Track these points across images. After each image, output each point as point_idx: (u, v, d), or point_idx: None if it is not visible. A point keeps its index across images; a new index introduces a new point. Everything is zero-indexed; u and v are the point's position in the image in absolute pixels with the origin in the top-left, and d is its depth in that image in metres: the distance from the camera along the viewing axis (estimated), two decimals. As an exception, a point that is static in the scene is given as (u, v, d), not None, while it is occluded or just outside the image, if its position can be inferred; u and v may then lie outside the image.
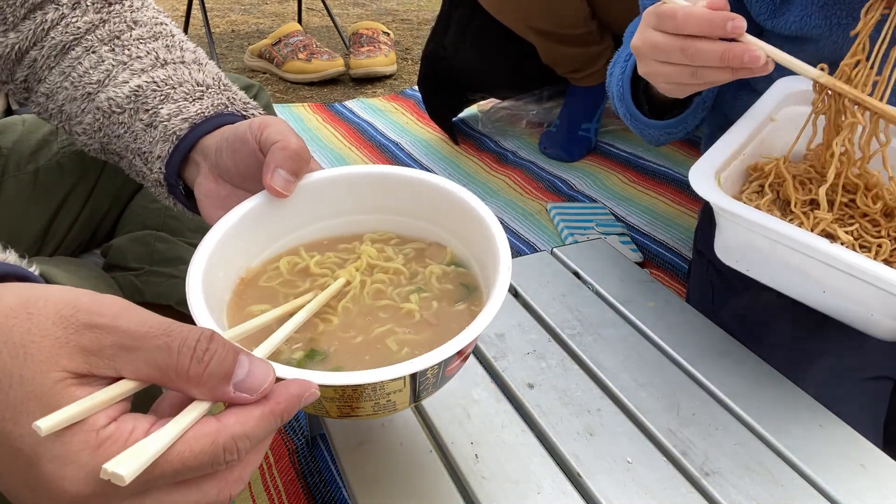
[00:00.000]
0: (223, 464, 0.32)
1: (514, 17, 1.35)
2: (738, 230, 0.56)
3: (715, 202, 0.54)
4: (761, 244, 0.55)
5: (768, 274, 0.57)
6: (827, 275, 0.52)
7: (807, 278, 0.54)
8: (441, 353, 0.39)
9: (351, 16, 2.76)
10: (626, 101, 0.76)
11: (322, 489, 0.72)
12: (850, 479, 0.50)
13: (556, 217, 1.21)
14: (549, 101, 1.60)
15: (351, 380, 0.38)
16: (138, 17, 0.65)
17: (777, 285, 0.57)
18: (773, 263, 0.56)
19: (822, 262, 0.51)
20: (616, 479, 0.50)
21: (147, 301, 0.78)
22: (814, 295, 0.55)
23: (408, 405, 0.44)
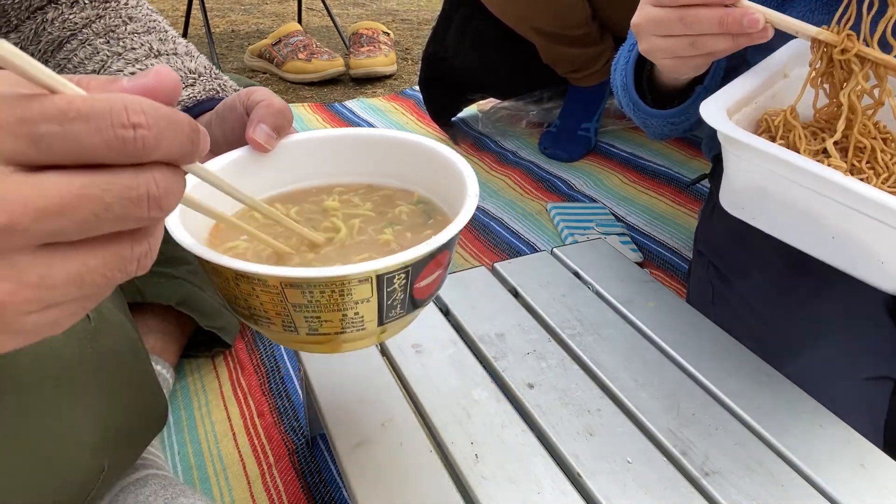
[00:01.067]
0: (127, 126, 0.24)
1: (515, 17, 1.35)
2: (747, 170, 0.54)
3: (727, 133, 0.52)
4: (770, 185, 0.53)
5: (775, 221, 0.55)
6: (839, 216, 0.50)
7: (816, 223, 0.52)
8: (407, 255, 0.39)
9: (351, 16, 2.76)
10: (630, 90, 0.76)
11: (322, 489, 0.72)
12: (850, 479, 0.50)
13: (556, 217, 1.21)
14: (550, 102, 1.61)
15: (321, 273, 0.38)
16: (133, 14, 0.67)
17: (784, 234, 0.55)
18: (782, 208, 0.53)
19: (834, 199, 0.49)
20: (616, 479, 0.50)
21: (147, 301, 0.78)
22: (822, 243, 0.53)
23: (376, 327, 0.43)
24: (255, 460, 0.76)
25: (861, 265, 0.52)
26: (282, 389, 0.85)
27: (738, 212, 0.57)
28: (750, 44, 0.55)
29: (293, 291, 0.39)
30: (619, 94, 0.79)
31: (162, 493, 0.62)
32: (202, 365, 0.89)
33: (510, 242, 1.16)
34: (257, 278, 0.39)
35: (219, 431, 0.80)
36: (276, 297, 0.40)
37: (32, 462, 0.43)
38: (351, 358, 0.63)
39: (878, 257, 0.51)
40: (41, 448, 0.44)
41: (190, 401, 0.84)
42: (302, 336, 0.43)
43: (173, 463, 0.76)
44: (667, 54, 0.59)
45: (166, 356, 0.81)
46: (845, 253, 0.53)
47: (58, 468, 0.44)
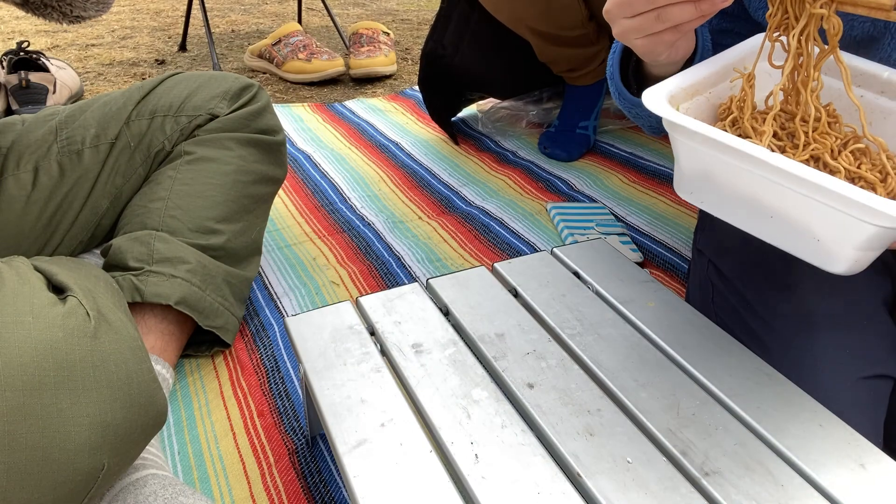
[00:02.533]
0: None
1: (511, 17, 1.35)
2: (689, 154, 0.54)
3: (662, 115, 0.52)
4: (711, 168, 0.53)
5: (721, 204, 0.55)
6: (772, 194, 0.50)
7: (755, 203, 0.52)
8: None
9: (351, 16, 2.76)
10: (616, 79, 0.77)
11: (322, 489, 0.72)
12: (850, 479, 0.50)
13: (556, 217, 1.21)
14: (549, 102, 1.61)
15: None
16: None
17: (729, 217, 0.55)
18: (724, 190, 0.54)
19: (765, 176, 0.49)
20: (616, 479, 0.50)
21: (146, 301, 0.78)
22: (763, 223, 0.53)
23: None
24: (255, 460, 0.76)
25: (801, 245, 0.52)
26: (282, 389, 0.85)
27: (688, 196, 0.57)
28: (713, 10, 0.56)
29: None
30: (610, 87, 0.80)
31: (162, 493, 0.62)
32: (202, 365, 0.89)
33: (510, 242, 1.16)
34: None
35: (219, 431, 0.80)
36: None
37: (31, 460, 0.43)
38: (351, 358, 0.64)
39: (813, 235, 0.51)
40: (39, 446, 0.44)
41: (190, 401, 0.84)
42: None
43: (173, 463, 0.76)
44: (637, 33, 0.60)
45: (166, 356, 0.81)
46: (785, 233, 0.53)
47: (56, 467, 0.44)
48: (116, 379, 0.49)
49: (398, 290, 0.74)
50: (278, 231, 1.20)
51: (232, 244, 0.90)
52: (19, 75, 1.62)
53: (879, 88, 0.61)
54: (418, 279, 1.06)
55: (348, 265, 1.10)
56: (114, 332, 0.51)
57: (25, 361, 0.44)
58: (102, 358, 0.48)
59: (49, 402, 0.44)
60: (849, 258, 0.51)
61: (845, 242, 0.50)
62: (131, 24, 2.58)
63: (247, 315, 0.97)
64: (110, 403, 0.48)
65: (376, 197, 1.32)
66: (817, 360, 0.63)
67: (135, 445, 0.52)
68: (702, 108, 0.60)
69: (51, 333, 0.46)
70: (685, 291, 0.94)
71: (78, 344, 0.47)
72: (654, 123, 0.80)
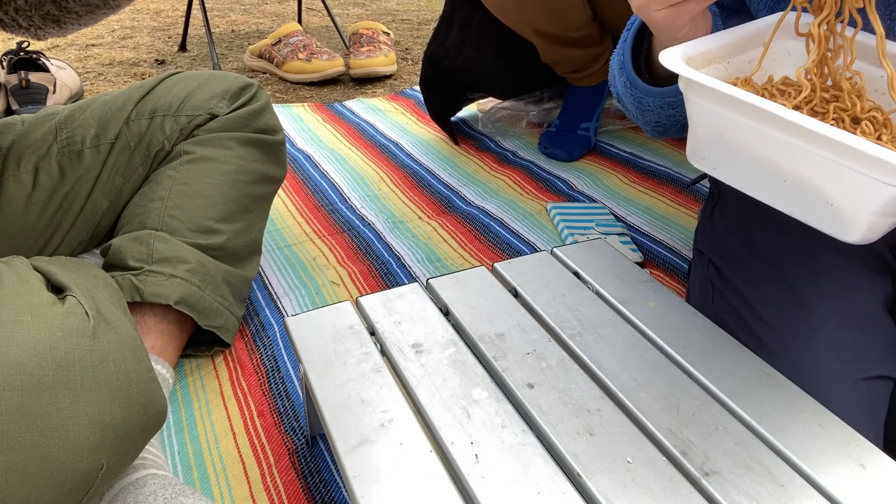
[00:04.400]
0: None
1: (516, 19, 1.35)
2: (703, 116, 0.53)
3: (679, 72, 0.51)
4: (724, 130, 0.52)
5: (733, 169, 0.54)
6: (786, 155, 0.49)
7: (768, 166, 0.51)
8: None
9: (351, 16, 2.76)
10: (627, 68, 0.75)
11: (322, 489, 0.72)
12: (850, 479, 0.50)
13: (556, 217, 1.21)
14: (550, 102, 1.61)
15: None
16: None
17: (741, 183, 0.54)
18: (737, 153, 0.52)
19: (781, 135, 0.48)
20: (616, 479, 0.50)
21: (146, 300, 0.78)
22: (775, 188, 0.52)
23: None
24: (255, 460, 0.76)
25: (815, 212, 0.51)
26: (282, 389, 0.85)
27: (701, 164, 0.56)
28: None
29: None
30: (616, 83, 0.79)
31: (162, 493, 0.62)
32: (202, 365, 0.89)
33: (510, 242, 1.16)
34: None
35: (219, 431, 0.80)
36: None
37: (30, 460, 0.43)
38: (351, 358, 0.63)
39: (827, 199, 0.49)
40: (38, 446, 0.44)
41: (190, 401, 0.84)
42: None
43: (173, 463, 0.76)
44: (659, 4, 0.58)
45: (166, 356, 0.81)
46: (798, 198, 0.51)
47: (55, 466, 0.44)
48: (115, 378, 0.49)
49: (398, 290, 0.74)
50: (278, 231, 1.20)
51: (232, 244, 0.89)
52: (19, 75, 1.62)
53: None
54: (418, 279, 1.06)
55: (348, 265, 1.10)
56: (113, 331, 0.51)
57: (24, 361, 0.44)
58: (101, 357, 0.48)
59: (48, 401, 0.44)
60: (863, 224, 0.48)
61: (861, 206, 0.48)
62: (131, 24, 2.58)
63: (247, 315, 0.97)
64: (109, 403, 0.48)
65: (376, 197, 1.32)
66: (817, 361, 0.63)
67: (134, 445, 0.52)
68: (719, 75, 0.58)
69: (50, 333, 0.45)
70: (685, 291, 0.93)
71: (77, 343, 0.47)
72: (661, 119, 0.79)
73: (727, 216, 0.82)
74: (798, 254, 0.71)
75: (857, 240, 0.50)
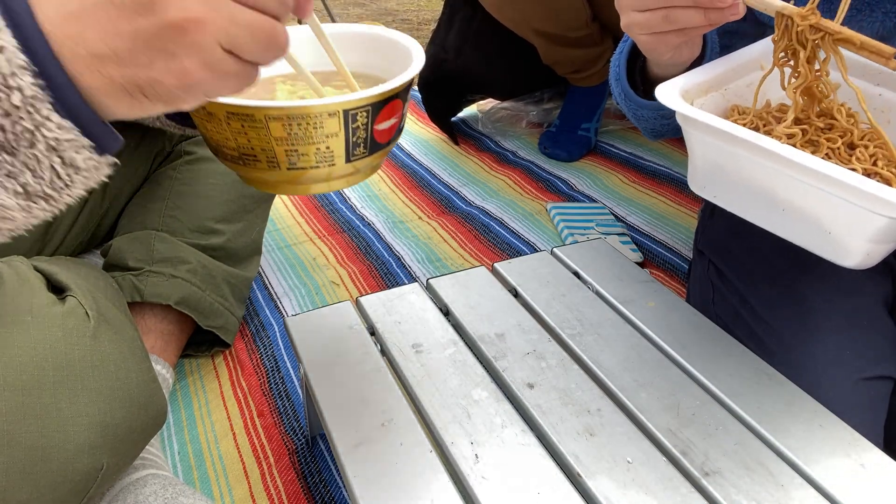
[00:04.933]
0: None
1: (516, 19, 1.35)
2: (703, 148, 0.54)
3: (676, 109, 0.52)
4: (724, 161, 0.53)
5: (733, 198, 0.55)
6: (783, 187, 0.50)
7: (766, 197, 0.52)
8: (367, 93, 0.48)
9: (351, 16, 2.76)
10: (622, 80, 0.76)
11: (322, 489, 0.72)
12: (850, 479, 0.50)
13: (556, 217, 1.21)
14: (550, 102, 1.61)
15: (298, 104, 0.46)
16: None
17: (742, 211, 0.55)
18: (736, 184, 0.54)
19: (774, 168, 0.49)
20: (616, 479, 0.50)
21: (146, 301, 0.78)
22: (775, 218, 0.53)
23: (344, 163, 0.51)
24: (255, 460, 0.76)
25: (813, 238, 0.52)
26: (282, 389, 0.85)
27: (702, 192, 0.57)
28: (722, 20, 0.56)
29: (276, 125, 0.47)
30: (613, 88, 0.80)
31: (162, 493, 0.62)
32: (202, 365, 0.89)
33: (510, 242, 1.16)
34: (245, 113, 0.47)
35: (219, 431, 0.80)
36: (262, 131, 0.48)
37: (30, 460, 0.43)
38: (351, 358, 0.63)
39: (825, 227, 0.50)
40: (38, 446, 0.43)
41: (190, 401, 0.84)
42: (283, 171, 0.51)
43: (173, 463, 0.76)
44: (643, 29, 0.60)
45: (166, 356, 0.81)
46: (797, 226, 0.52)
47: (55, 466, 0.44)
48: (115, 379, 0.49)
49: (398, 290, 0.74)
50: (278, 231, 1.20)
51: (232, 244, 0.89)
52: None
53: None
54: (418, 279, 1.06)
55: (348, 265, 1.10)
56: (113, 332, 0.51)
57: (24, 361, 0.44)
58: (102, 358, 0.48)
59: (48, 401, 0.44)
60: (861, 251, 0.50)
61: (857, 235, 0.49)
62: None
63: (247, 315, 0.97)
64: (109, 403, 0.48)
65: (376, 197, 1.32)
66: (818, 361, 0.63)
67: (134, 445, 0.52)
68: (717, 104, 0.59)
69: (50, 333, 0.45)
70: (685, 291, 0.94)
71: (77, 344, 0.47)
72: (655, 127, 0.80)
73: (727, 216, 0.82)
74: (798, 254, 0.71)
75: (855, 265, 0.51)
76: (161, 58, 0.34)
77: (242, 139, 0.49)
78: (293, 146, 0.49)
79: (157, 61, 0.34)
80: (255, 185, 0.55)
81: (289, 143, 0.49)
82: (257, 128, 0.48)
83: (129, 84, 0.35)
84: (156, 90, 0.35)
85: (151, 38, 0.33)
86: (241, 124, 0.48)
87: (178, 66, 0.34)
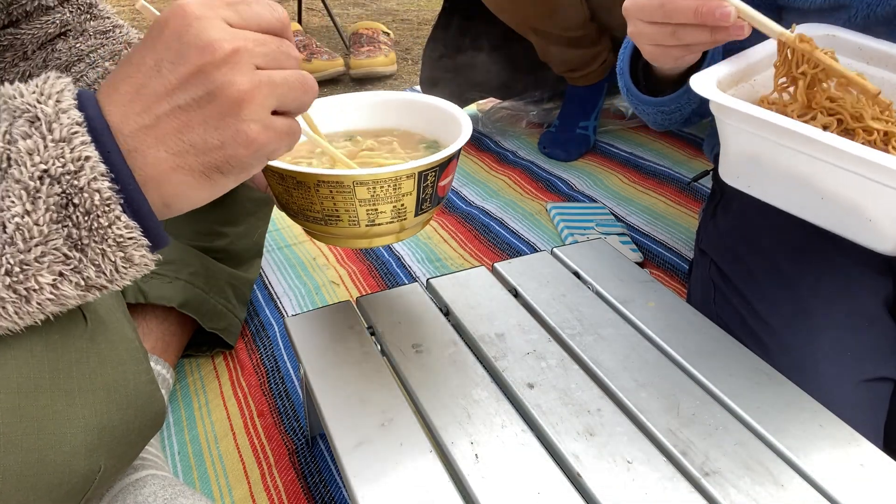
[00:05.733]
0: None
1: (516, 19, 1.35)
2: (738, 137, 0.54)
3: (715, 100, 0.52)
4: (760, 151, 0.53)
5: (768, 188, 0.55)
6: (825, 176, 0.50)
7: (805, 185, 0.52)
8: (438, 156, 0.56)
9: (351, 16, 2.76)
10: (624, 74, 0.77)
11: (322, 489, 0.72)
12: (850, 479, 0.50)
13: (556, 217, 1.21)
14: (549, 102, 1.61)
15: (384, 171, 0.54)
16: (131, 40, 0.76)
17: (777, 200, 0.56)
18: (773, 173, 0.54)
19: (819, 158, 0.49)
20: (616, 479, 0.50)
21: (150, 302, 0.78)
22: (813, 205, 0.53)
23: (413, 216, 0.58)
24: (255, 460, 0.76)
25: (852, 226, 0.52)
26: (282, 389, 0.85)
27: (734, 181, 0.57)
28: (728, 39, 0.56)
29: (361, 189, 0.54)
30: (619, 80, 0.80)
31: (162, 493, 0.62)
32: (202, 365, 0.89)
33: (510, 242, 1.16)
34: (335, 181, 0.54)
35: (219, 431, 0.80)
36: (348, 195, 0.54)
37: (26, 462, 0.43)
38: (351, 358, 0.63)
39: (865, 215, 0.51)
40: (35, 448, 0.43)
41: (190, 401, 0.84)
42: (361, 229, 0.57)
43: (173, 463, 0.76)
44: (649, 40, 0.61)
45: (166, 357, 0.81)
46: (835, 214, 0.52)
47: (52, 468, 0.44)
48: (113, 381, 0.49)
49: (398, 290, 0.74)
50: (278, 231, 1.20)
51: (234, 246, 0.90)
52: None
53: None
54: (418, 279, 1.06)
55: (348, 265, 1.10)
56: (111, 333, 0.51)
57: (21, 363, 0.43)
58: (100, 360, 0.48)
59: (45, 403, 0.44)
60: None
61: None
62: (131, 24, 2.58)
63: (247, 315, 0.97)
64: (107, 405, 0.48)
65: (376, 197, 1.32)
66: (818, 362, 0.63)
67: (132, 447, 0.52)
68: (747, 94, 0.59)
69: (47, 335, 0.45)
70: (685, 291, 0.93)
71: (74, 346, 0.47)
72: (657, 119, 0.80)
73: (729, 216, 0.82)
74: (800, 254, 0.71)
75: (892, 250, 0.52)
76: (229, 134, 0.40)
77: (328, 203, 0.55)
78: (374, 206, 0.56)
79: (227, 139, 0.40)
80: (329, 240, 0.61)
81: (370, 203, 0.55)
82: (344, 192, 0.54)
83: (208, 168, 0.41)
84: (231, 164, 0.41)
85: (218, 120, 0.40)
86: (330, 190, 0.54)
87: (244, 136, 0.40)
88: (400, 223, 0.58)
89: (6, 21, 0.71)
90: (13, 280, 0.39)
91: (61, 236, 0.39)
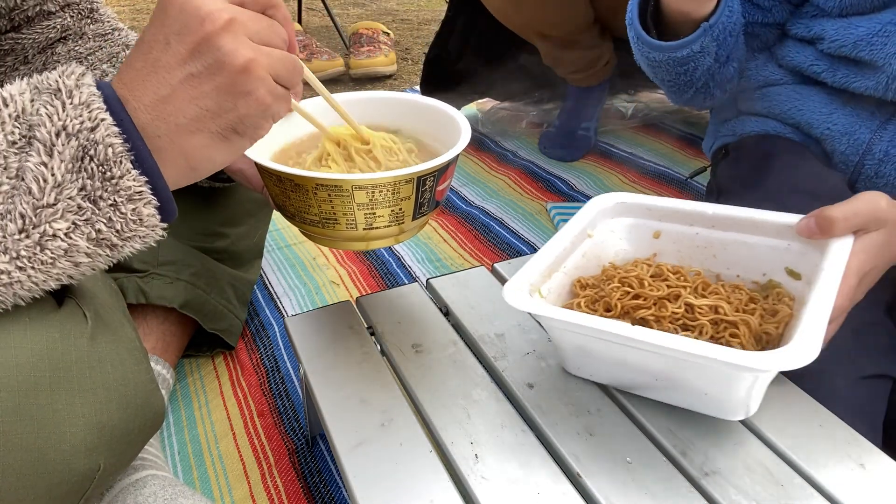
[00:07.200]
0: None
1: (520, 23, 1.35)
2: (566, 338, 0.57)
3: (527, 310, 0.54)
4: (586, 344, 0.55)
5: (608, 375, 0.57)
6: (648, 362, 0.53)
7: (637, 370, 0.54)
8: (436, 161, 0.56)
9: (351, 16, 2.76)
10: (634, 23, 0.77)
11: (322, 489, 0.72)
12: (850, 479, 0.50)
13: (556, 217, 1.21)
14: (549, 102, 1.61)
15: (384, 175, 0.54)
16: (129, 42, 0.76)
17: (622, 385, 0.58)
18: (605, 362, 0.56)
19: (635, 348, 0.51)
20: (616, 479, 0.50)
21: (151, 303, 0.78)
22: (652, 386, 0.55)
23: (411, 220, 0.58)
24: (255, 460, 0.76)
25: (694, 400, 0.54)
26: (282, 389, 0.85)
27: (577, 372, 0.60)
28: None
29: (360, 193, 0.54)
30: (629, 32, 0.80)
31: (162, 493, 0.62)
32: (202, 365, 0.89)
33: (510, 242, 1.16)
34: (334, 184, 0.54)
35: (219, 431, 0.80)
36: (346, 199, 0.54)
37: (26, 461, 0.43)
38: (351, 358, 0.63)
39: (701, 390, 0.52)
40: (35, 447, 0.44)
41: (190, 401, 0.84)
42: (359, 232, 0.57)
43: (173, 463, 0.76)
44: None
45: (167, 357, 0.81)
46: (675, 392, 0.54)
47: (52, 468, 0.44)
48: (113, 380, 0.49)
49: (398, 290, 0.74)
50: (278, 231, 1.20)
51: (235, 247, 0.90)
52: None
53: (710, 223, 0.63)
54: (418, 279, 1.06)
55: (348, 265, 1.10)
56: (111, 333, 0.51)
57: (21, 362, 0.44)
58: (99, 359, 0.48)
59: (45, 402, 0.44)
60: (742, 405, 0.52)
61: (731, 393, 0.51)
62: (131, 24, 2.58)
63: (247, 315, 0.97)
64: (106, 405, 0.48)
65: (376, 197, 1.32)
66: (817, 361, 0.63)
67: (131, 447, 0.52)
68: (562, 283, 0.62)
69: (47, 334, 0.45)
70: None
71: (75, 345, 0.47)
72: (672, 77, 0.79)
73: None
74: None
75: (744, 416, 0.53)
76: (241, 97, 0.44)
77: (326, 206, 0.55)
78: (372, 210, 0.56)
79: (238, 101, 0.44)
80: (326, 243, 0.61)
81: (369, 207, 0.55)
82: (343, 196, 0.54)
83: (224, 130, 0.45)
84: (245, 124, 0.45)
85: (229, 86, 0.43)
86: (328, 194, 0.54)
87: (255, 98, 0.44)
88: (398, 226, 0.58)
89: (8, 26, 0.71)
90: (25, 223, 0.41)
91: (76, 187, 0.41)
